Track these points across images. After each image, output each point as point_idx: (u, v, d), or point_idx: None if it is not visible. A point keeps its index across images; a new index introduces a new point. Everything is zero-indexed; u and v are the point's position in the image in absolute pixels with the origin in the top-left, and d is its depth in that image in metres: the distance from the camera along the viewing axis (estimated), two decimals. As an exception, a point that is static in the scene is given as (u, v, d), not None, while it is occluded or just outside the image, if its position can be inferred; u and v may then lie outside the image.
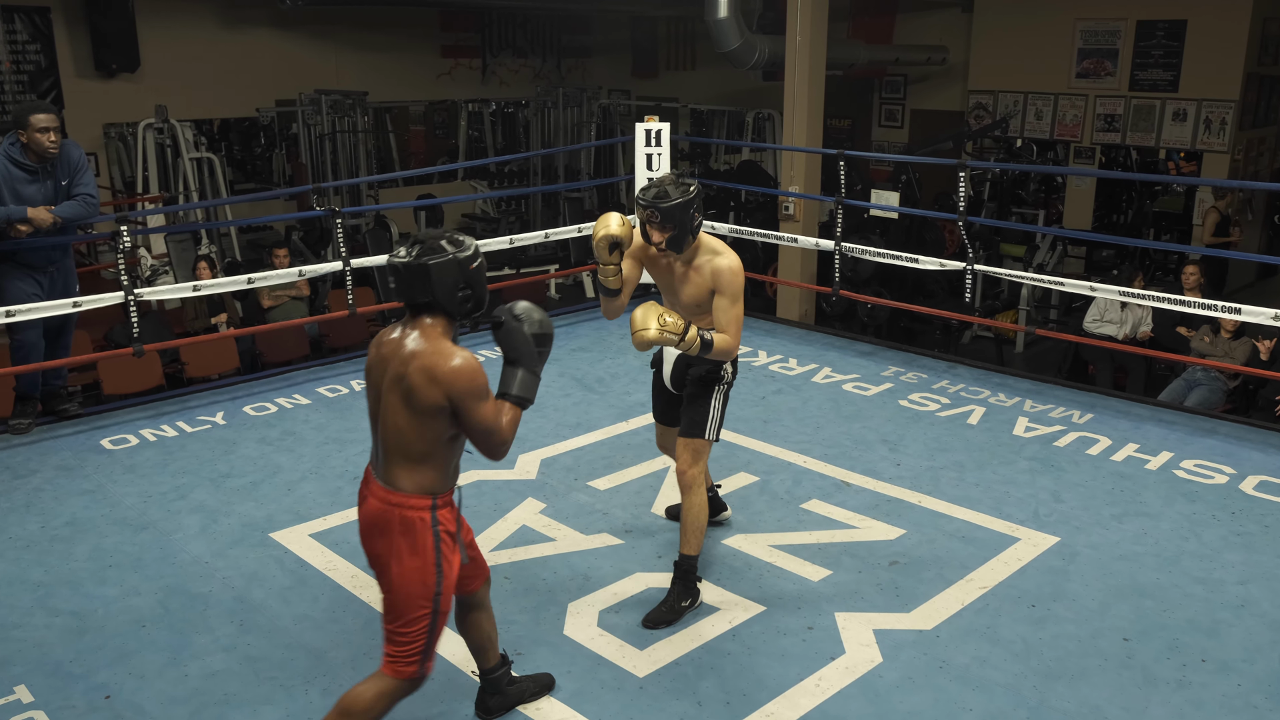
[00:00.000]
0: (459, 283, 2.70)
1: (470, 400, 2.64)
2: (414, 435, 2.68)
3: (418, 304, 2.71)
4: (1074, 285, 6.35)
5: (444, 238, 2.74)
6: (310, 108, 12.61)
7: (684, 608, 3.64)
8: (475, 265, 2.73)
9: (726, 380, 3.76)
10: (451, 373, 2.62)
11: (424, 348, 2.66)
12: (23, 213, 5.02)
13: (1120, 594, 3.83)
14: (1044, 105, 12.17)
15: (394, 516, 2.71)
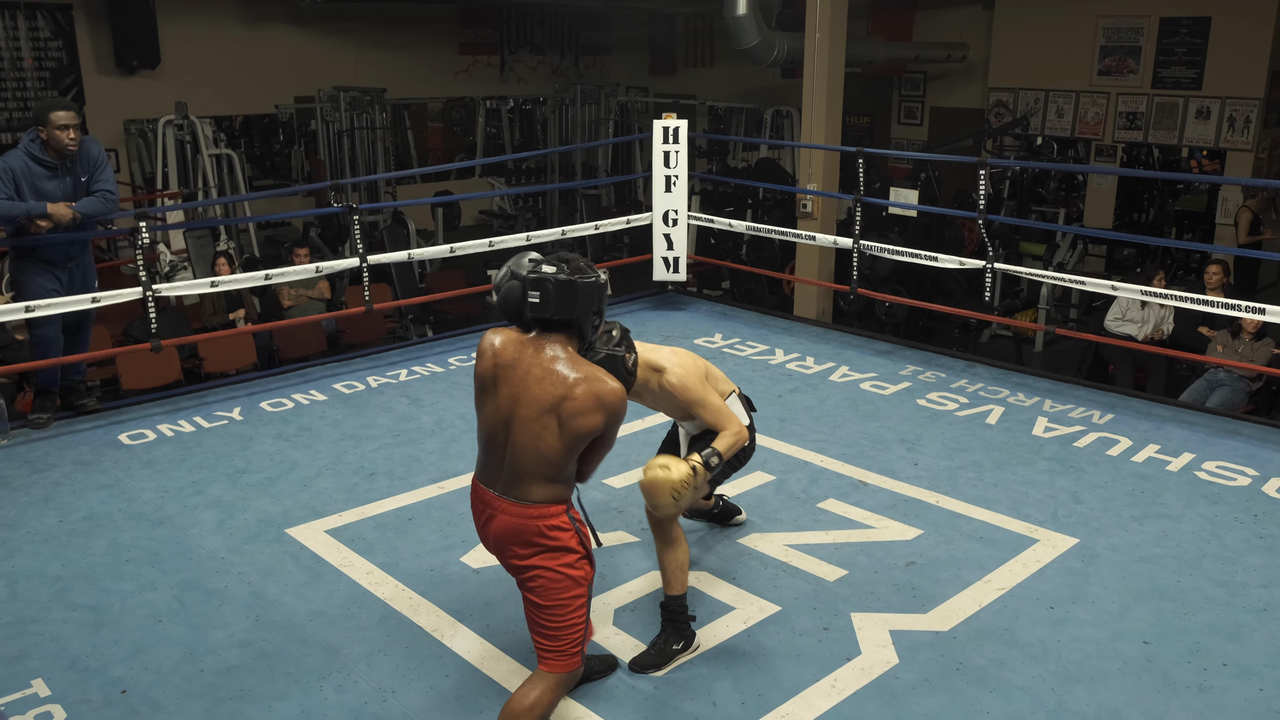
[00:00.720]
0: (595, 306, 2.77)
1: (616, 427, 2.76)
2: (562, 456, 2.71)
3: (550, 321, 2.73)
4: (1095, 284, 6.30)
5: (583, 260, 2.80)
6: (329, 104, 12.66)
7: (675, 650, 3.41)
8: (608, 293, 2.85)
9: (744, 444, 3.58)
10: (618, 400, 2.70)
11: (586, 373, 2.70)
12: (43, 208, 5.04)
13: (1140, 596, 3.79)
14: (1065, 103, 12.08)
15: (535, 528, 2.74)
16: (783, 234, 7.66)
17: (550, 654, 2.79)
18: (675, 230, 7.42)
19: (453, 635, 3.56)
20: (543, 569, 2.75)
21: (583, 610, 2.80)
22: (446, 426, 5.38)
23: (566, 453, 2.71)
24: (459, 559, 4.06)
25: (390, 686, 3.30)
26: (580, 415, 2.66)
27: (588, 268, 2.77)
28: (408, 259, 7.17)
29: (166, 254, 8.98)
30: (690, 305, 7.75)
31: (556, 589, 2.76)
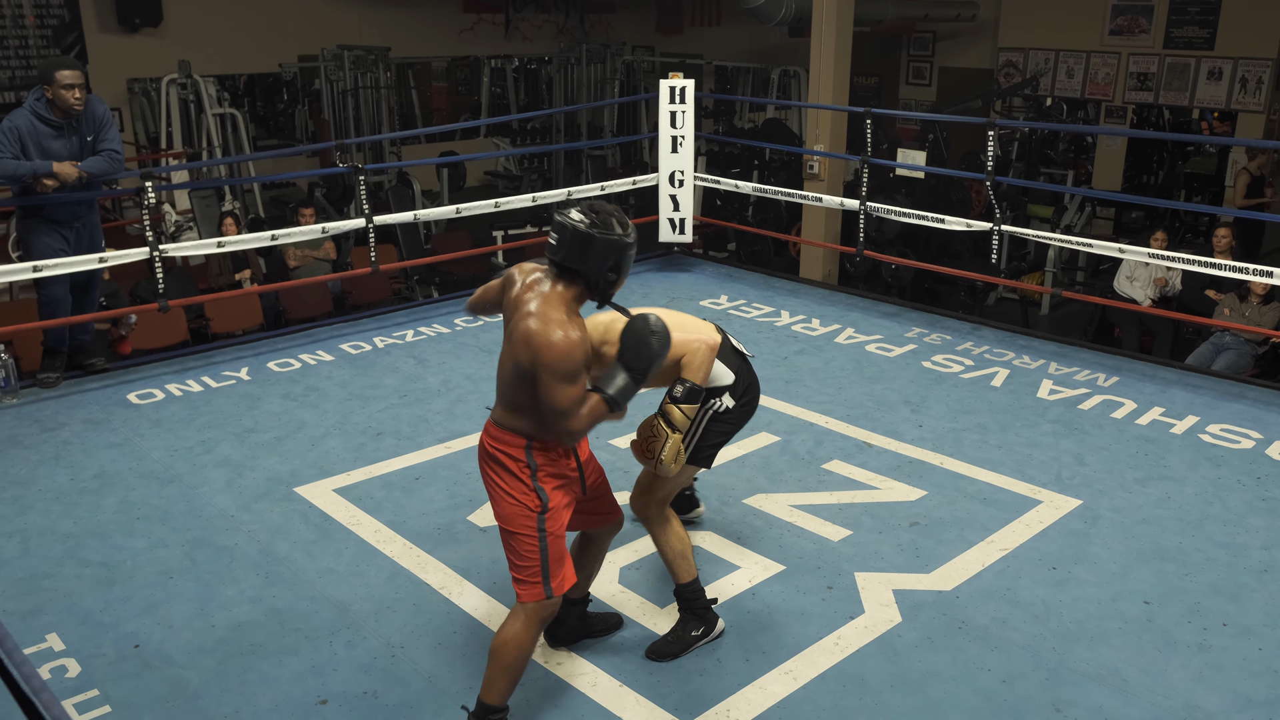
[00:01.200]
0: (611, 263, 2.76)
1: (551, 378, 2.67)
2: (514, 385, 2.78)
3: (563, 266, 2.76)
4: (1102, 247, 6.28)
5: (616, 216, 2.79)
6: (333, 63, 12.57)
7: (694, 636, 3.29)
8: (630, 253, 2.81)
9: (717, 408, 3.29)
10: (545, 345, 2.66)
11: (539, 309, 2.71)
12: (49, 167, 5.04)
13: (1142, 557, 3.82)
14: (1075, 63, 11.97)
15: (494, 453, 2.86)
16: (789, 195, 7.63)
17: (517, 582, 2.87)
18: (681, 191, 7.39)
19: (460, 592, 3.61)
20: (498, 486, 2.85)
21: (533, 544, 2.82)
22: (453, 387, 5.40)
23: (517, 382, 2.75)
24: (466, 518, 4.10)
25: (399, 642, 3.34)
26: (517, 348, 2.72)
27: (617, 224, 2.77)
28: (413, 220, 7.16)
29: (172, 214, 8.97)
30: (696, 267, 7.74)
31: (511, 512, 2.83)
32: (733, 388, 3.31)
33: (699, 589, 3.32)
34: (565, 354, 2.66)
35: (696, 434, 3.28)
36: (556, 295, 2.75)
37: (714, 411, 3.29)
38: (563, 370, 2.66)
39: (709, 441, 3.32)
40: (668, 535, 3.30)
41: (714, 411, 3.29)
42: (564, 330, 2.68)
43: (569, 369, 2.67)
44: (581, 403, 2.73)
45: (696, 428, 3.28)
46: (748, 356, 3.43)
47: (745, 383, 3.35)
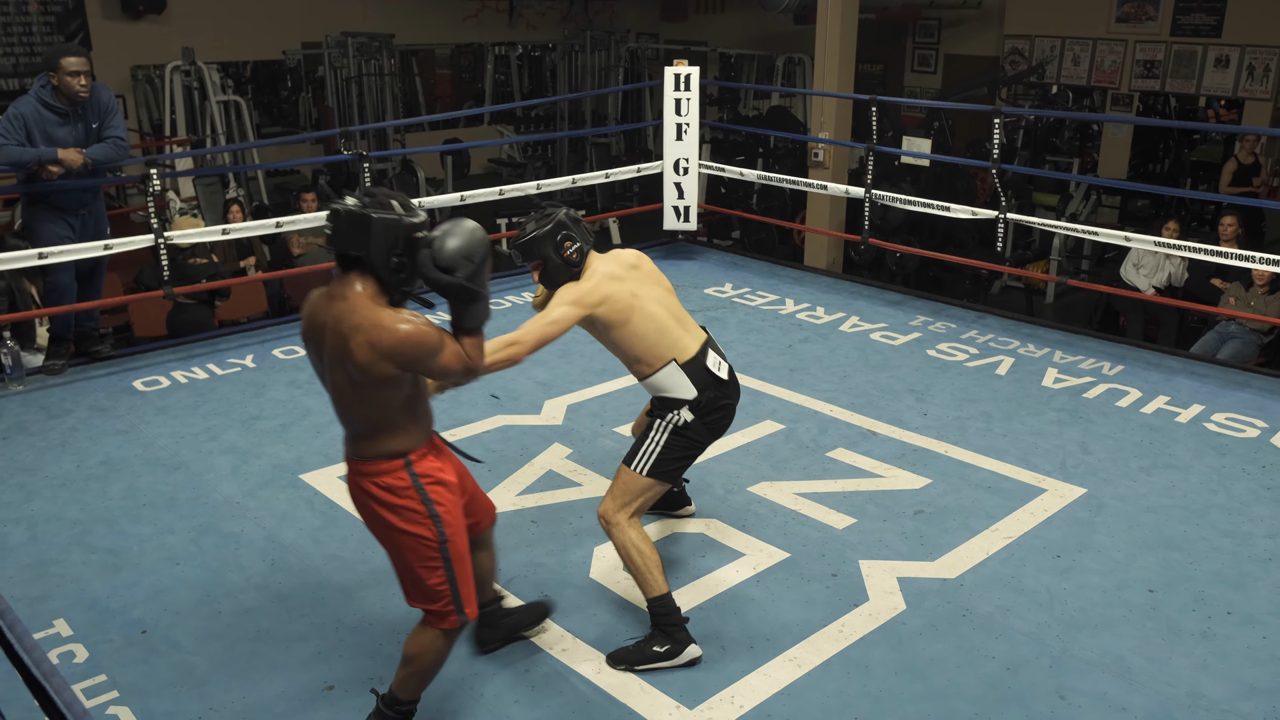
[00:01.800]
0: (396, 246, 2.54)
1: (427, 360, 2.56)
2: (368, 407, 2.60)
3: (348, 259, 2.56)
4: (1108, 235, 6.27)
5: (398, 199, 2.59)
6: (336, 50, 12.54)
7: (656, 653, 3.16)
8: (419, 235, 2.57)
9: (676, 423, 3.22)
10: (400, 344, 2.51)
11: (363, 320, 2.51)
12: (54, 154, 5.04)
13: (1147, 546, 3.83)
14: (1082, 50, 11.91)
15: (369, 487, 2.64)
16: (794, 183, 7.61)
17: (427, 614, 2.74)
18: (686, 179, 7.38)
19: (466, 579, 3.61)
20: (389, 526, 2.66)
21: (441, 576, 2.68)
22: (458, 375, 5.40)
23: (371, 402, 2.58)
24: (471, 505, 4.10)
25: (404, 628, 3.34)
26: (365, 367, 2.52)
27: (398, 205, 2.56)
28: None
29: (176, 201, 8.97)
30: (700, 255, 7.73)
31: (406, 555, 2.67)
32: (693, 403, 3.21)
33: (669, 605, 3.17)
34: (422, 334, 2.52)
35: (658, 447, 3.21)
36: (358, 295, 2.54)
37: (674, 426, 3.21)
38: (431, 345, 2.54)
39: (672, 455, 3.23)
40: (628, 547, 3.17)
41: (674, 426, 3.21)
42: (399, 321, 2.51)
43: (433, 340, 2.54)
44: (462, 350, 2.62)
45: (659, 439, 3.21)
46: (725, 380, 3.30)
47: (712, 402, 3.24)
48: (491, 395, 5.12)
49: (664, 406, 3.25)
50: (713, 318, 6.26)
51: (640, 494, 3.23)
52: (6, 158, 5.02)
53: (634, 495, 3.22)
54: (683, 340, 3.25)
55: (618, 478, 3.25)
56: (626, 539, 3.18)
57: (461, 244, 2.57)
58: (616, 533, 3.20)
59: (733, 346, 5.77)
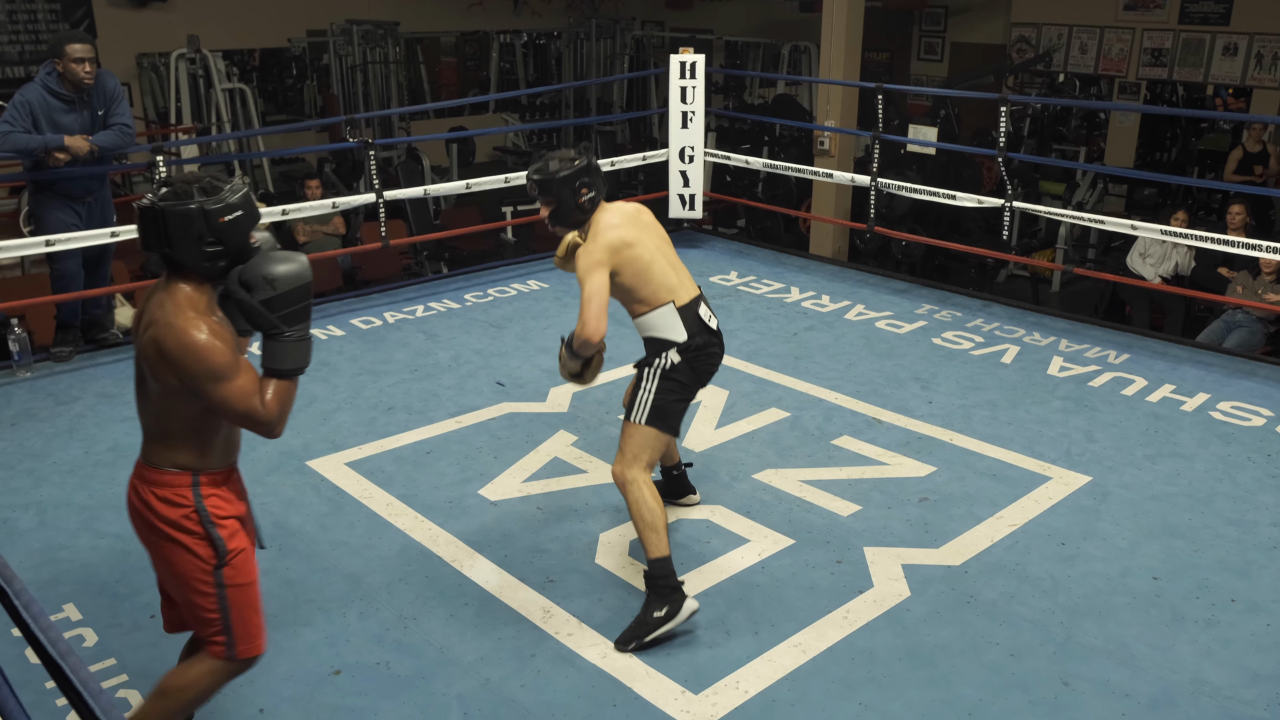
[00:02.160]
0: (204, 236, 2.35)
1: (205, 382, 2.34)
2: (159, 410, 2.44)
3: (166, 258, 2.39)
4: (1114, 224, 6.25)
5: (201, 182, 2.39)
6: (341, 38, 12.54)
7: (656, 619, 3.18)
8: (229, 218, 2.37)
9: (664, 365, 3.37)
10: (179, 350, 2.32)
11: (160, 316, 2.36)
12: (60, 141, 5.05)
13: (1151, 534, 3.83)
14: (1089, 39, 11.86)
15: (150, 501, 2.47)
16: (800, 171, 7.60)
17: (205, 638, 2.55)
18: (691, 167, 7.37)
19: (471, 565, 3.63)
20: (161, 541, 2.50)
21: (212, 597, 2.48)
22: (463, 362, 5.42)
23: (162, 406, 2.42)
24: (476, 491, 4.12)
25: (411, 614, 3.37)
26: (151, 366, 2.38)
27: (200, 191, 2.36)
28: (423, 195, 7.16)
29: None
30: (706, 243, 7.73)
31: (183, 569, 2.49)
32: (682, 346, 3.37)
33: (668, 568, 3.22)
34: (204, 351, 2.31)
35: (651, 394, 3.35)
36: (174, 291, 2.39)
37: (662, 369, 3.36)
38: (212, 369, 2.32)
39: (666, 399, 3.35)
40: (640, 505, 3.26)
41: (662, 369, 3.36)
42: (192, 327, 2.33)
43: (216, 365, 2.32)
44: (257, 392, 2.41)
45: (651, 386, 3.36)
46: (714, 330, 3.47)
47: (696, 346, 3.39)
48: (497, 383, 5.13)
49: (653, 350, 3.40)
50: (718, 306, 6.25)
51: (646, 446, 3.33)
52: (13, 145, 5.03)
53: (641, 448, 3.32)
54: (679, 288, 3.42)
55: (622, 436, 3.37)
56: (641, 496, 3.27)
57: (274, 268, 2.39)
58: (633, 490, 3.28)
59: (738, 334, 5.78)
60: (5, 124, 5.01)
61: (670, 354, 3.37)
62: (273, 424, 2.46)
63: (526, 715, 2.93)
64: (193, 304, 2.39)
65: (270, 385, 2.44)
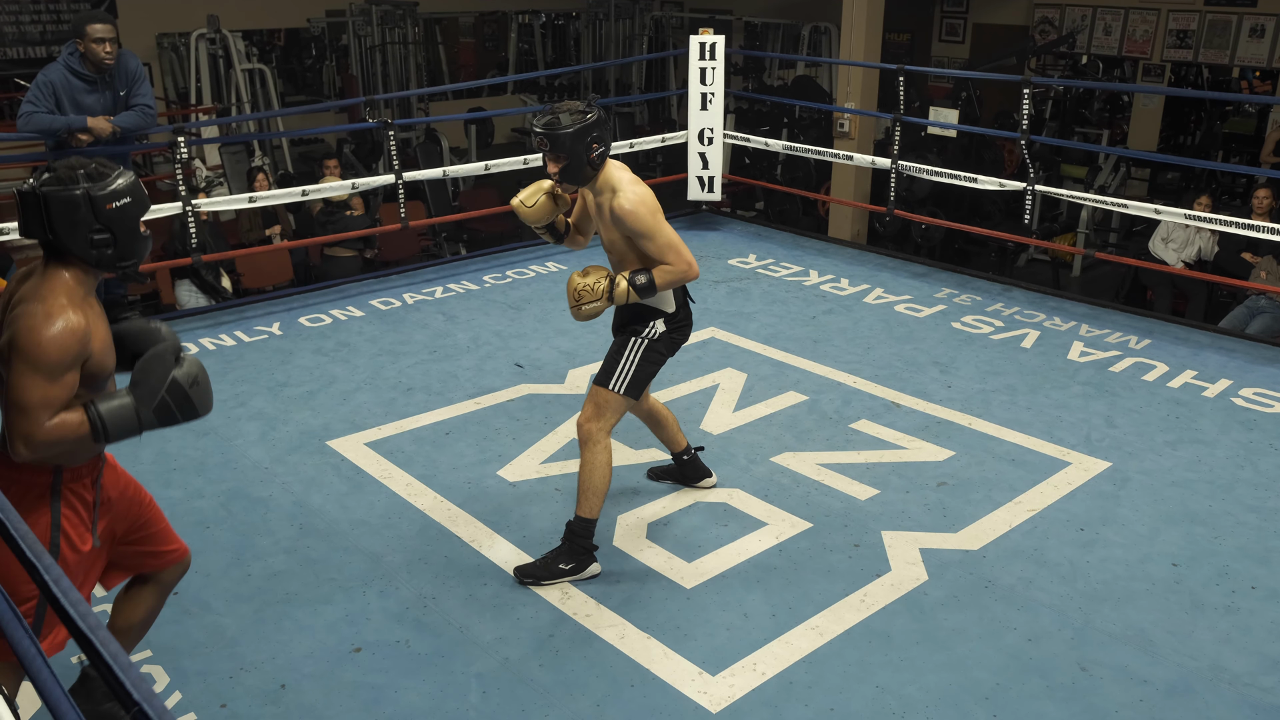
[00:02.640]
0: (90, 223, 2.25)
1: (17, 360, 2.19)
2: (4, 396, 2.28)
3: (48, 245, 2.28)
4: (1137, 208, 6.20)
5: (85, 167, 2.29)
6: (360, 18, 12.53)
7: (561, 570, 3.38)
8: (117, 205, 2.28)
9: (651, 334, 3.42)
10: (25, 326, 2.19)
11: (30, 298, 2.24)
12: (83, 122, 5.08)
13: (1171, 520, 3.82)
14: (1113, 20, 11.74)
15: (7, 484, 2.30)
16: (819, 154, 7.56)
17: None
18: (710, 149, 7.35)
19: (490, 545, 3.66)
20: None
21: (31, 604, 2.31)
22: (482, 343, 5.44)
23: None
24: (495, 472, 4.14)
25: (431, 593, 3.40)
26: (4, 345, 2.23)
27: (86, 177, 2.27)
28: (443, 176, 7.17)
29: (203, 169, 9.01)
30: (724, 225, 7.71)
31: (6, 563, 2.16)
32: (669, 317, 3.45)
33: (590, 531, 3.42)
34: (48, 338, 2.18)
35: (633, 365, 3.41)
36: (51, 277, 2.27)
37: (649, 339, 3.43)
38: (37, 356, 2.18)
39: (645, 371, 3.44)
40: (596, 467, 3.37)
41: (649, 339, 3.43)
42: (57, 311, 2.20)
43: (47, 358, 2.18)
44: (55, 406, 2.21)
45: (634, 357, 3.41)
46: (692, 302, 3.59)
47: (681, 319, 3.50)
48: (516, 364, 5.15)
49: (637, 317, 3.43)
50: (736, 289, 6.26)
51: (618, 410, 3.43)
52: (36, 125, 5.06)
53: (613, 412, 3.41)
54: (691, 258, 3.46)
55: (594, 396, 3.42)
56: (600, 460, 3.38)
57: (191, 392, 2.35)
58: (593, 450, 3.38)
59: (756, 318, 5.77)
60: (29, 104, 5.05)
61: (658, 324, 3.43)
62: (33, 442, 2.21)
63: (545, 694, 2.96)
64: (69, 291, 2.27)
65: (75, 417, 2.24)
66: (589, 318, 3.42)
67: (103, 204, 2.27)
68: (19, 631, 1.46)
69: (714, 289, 6.22)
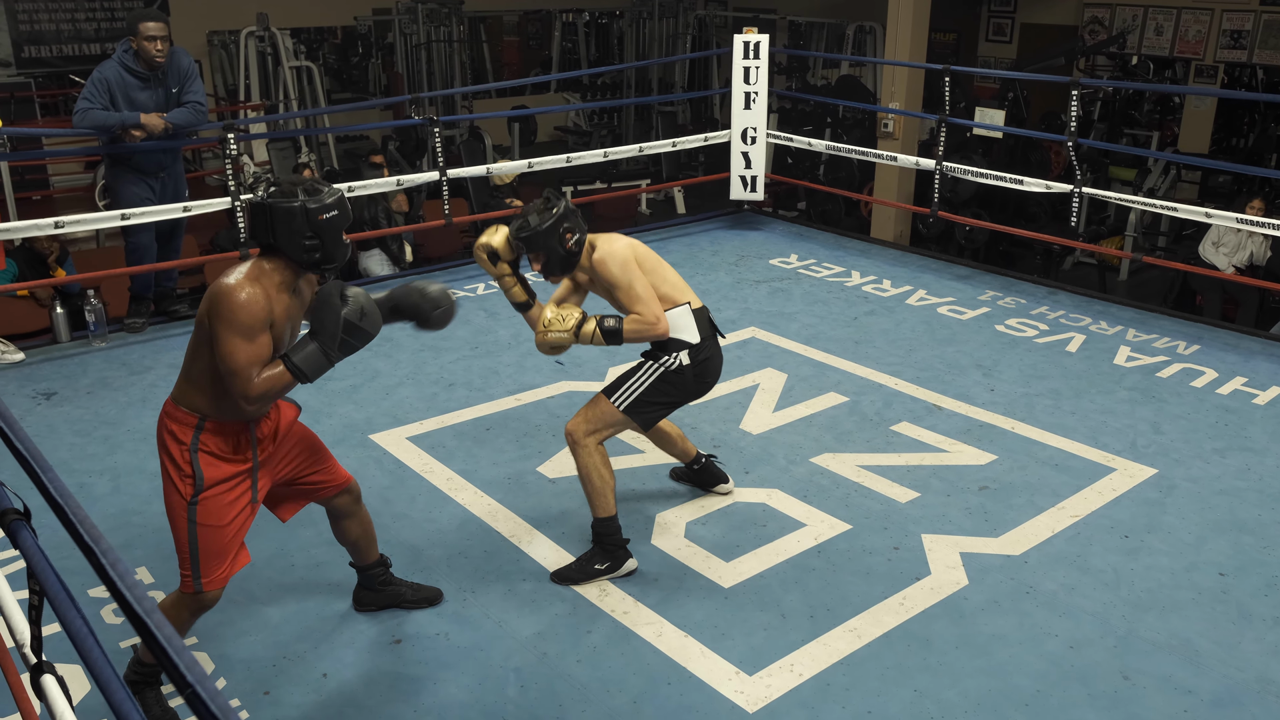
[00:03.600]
0: (305, 231, 2.65)
1: (221, 327, 2.57)
2: (191, 351, 2.70)
3: (264, 245, 2.70)
4: (1188, 211, 6.10)
5: (305, 185, 2.70)
6: (406, 16, 12.63)
7: (597, 570, 3.43)
8: (327, 216, 2.67)
9: (670, 364, 3.40)
10: (217, 293, 2.58)
11: (229, 272, 2.64)
12: (136, 118, 5.17)
13: (1218, 528, 3.75)
14: (1165, 20, 11.55)
15: (162, 433, 2.73)
16: (863, 154, 7.52)
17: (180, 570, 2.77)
18: (754, 149, 7.33)
19: (530, 542, 3.68)
20: (163, 469, 2.73)
21: (184, 530, 2.71)
22: (523, 340, 5.47)
23: (195, 347, 2.68)
24: (535, 469, 4.17)
25: (470, 587, 3.43)
26: (201, 309, 2.64)
27: (304, 193, 2.67)
28: (486, 173, 7.21)
29: (250, 165, 9.14)
30: (766, 225, 7.69)
31: (169, 499, 2.73)
32: (694, 349, 3.40)
33: (614, 527, 3.43)
34: (240, 300, 2.56)
35: (642, 387, 3.38)
36: (257, 264, 2.68)
37: (666, 368, 3.39)
38: (236, 320, 2.56)
39: (653, 398, 3.40)
40: (590, 469, 3.38)
41: (666, 368, 3.39)
42: (243, 279, 2.60)
43: (242, 319, 2.56)
44: (260, 363, 2.61)
45: (646, 379, 3.38)
46: (719, 337, 3.54)
47: (707, 354, 3.44)
48: (556, 362, 5.17)
49: (662, 349, 3.41)
50: (777, 289, 6.24)
51: (611, 425, 3.41)
52: (91, 122, 5.17)
53: (606, 425, 3.40)
54: (691, 294, 3.49)
55: (594, 404, 3.41)
56: (591, 461, 3.38)
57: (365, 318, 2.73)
58: (583, 454, 3.38)
59: (797, 318, 5.75)
60: (84, 101, 5.16)
61: (681, 355, 3.41)
62: (250, 399, 2.62)
63: (582, 690, 2.97)
64: (262, 273, 2.66)
65: (276, 369, 2.65)
66: (552, 349, 3.41)
67: (315, 215, 2.66)
68: (71, 612, 1.50)
69: (755, 289, 6.21)
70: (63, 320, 5.48)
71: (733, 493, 3.98)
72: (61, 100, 11.10)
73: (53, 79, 11.18)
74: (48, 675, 1.64)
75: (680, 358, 3.40)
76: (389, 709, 2.92)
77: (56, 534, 2.36)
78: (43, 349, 5.43)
